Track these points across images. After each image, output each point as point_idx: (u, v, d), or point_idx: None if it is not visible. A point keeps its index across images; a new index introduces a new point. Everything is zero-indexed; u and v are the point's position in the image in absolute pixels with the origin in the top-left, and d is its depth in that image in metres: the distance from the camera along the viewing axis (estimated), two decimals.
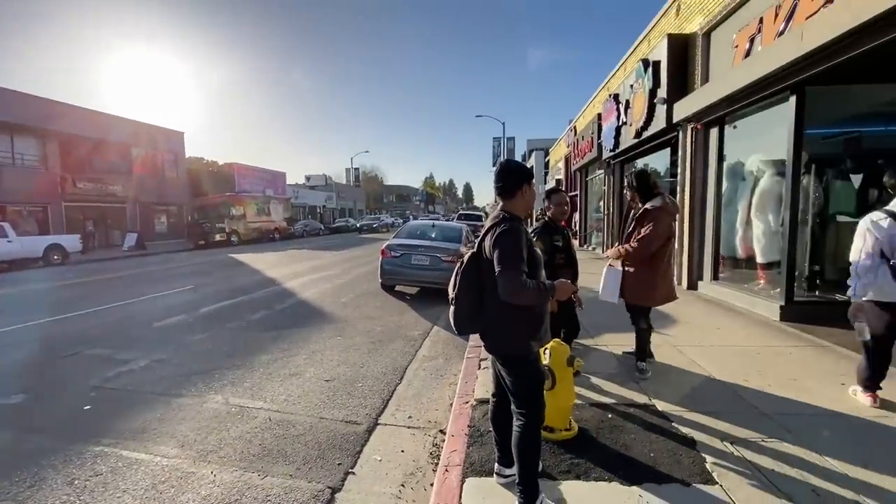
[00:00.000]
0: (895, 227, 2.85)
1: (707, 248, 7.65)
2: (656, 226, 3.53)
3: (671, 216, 3.66)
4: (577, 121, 18.14)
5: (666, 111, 8.17)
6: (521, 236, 1.99)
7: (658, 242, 3.55)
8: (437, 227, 9.17)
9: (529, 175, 2.17)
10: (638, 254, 3.58)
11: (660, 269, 3.65)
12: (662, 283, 3.68)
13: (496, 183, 2.17)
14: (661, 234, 3.54)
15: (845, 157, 6.51)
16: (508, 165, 2.20)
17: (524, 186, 2.12)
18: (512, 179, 2.12)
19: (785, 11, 5.37)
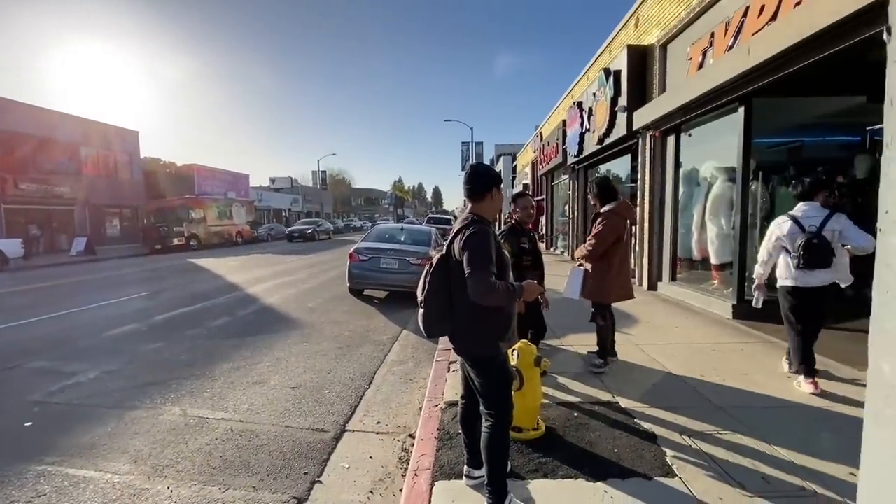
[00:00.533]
0: (794, 228, 3.51)
1: (666, 251, 7.98)
2: (605, 226, 3.82)
3: (622, 218, 3.90)
4: (543, 127, 18.56)
5: (626, 119, 8.49)
6: (490, 238, 2.01)
7: (606, 240, 3.82)
8: (405, 231, 9.13)
9: (498, 179, 2.20)
10: (590, 252, 3.87)
11: (612, 268, 3.86)
12: (615, 282, 3.88)
13: (465, 185, 2.18)
14: (607, 233, 3.81)
15: (789, 165, 6.96)
16: (478, 169, 2.23)
17: (493, 190, 2.15)
18: (481, 183, 2.15)
19: (733, 27, 5.70)
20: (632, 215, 4.07)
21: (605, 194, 3.99)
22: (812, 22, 3.94)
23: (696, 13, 6.60)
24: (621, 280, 3.91)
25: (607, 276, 3.85)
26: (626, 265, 4.01)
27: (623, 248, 3.94)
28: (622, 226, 3.89)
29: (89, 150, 23.17)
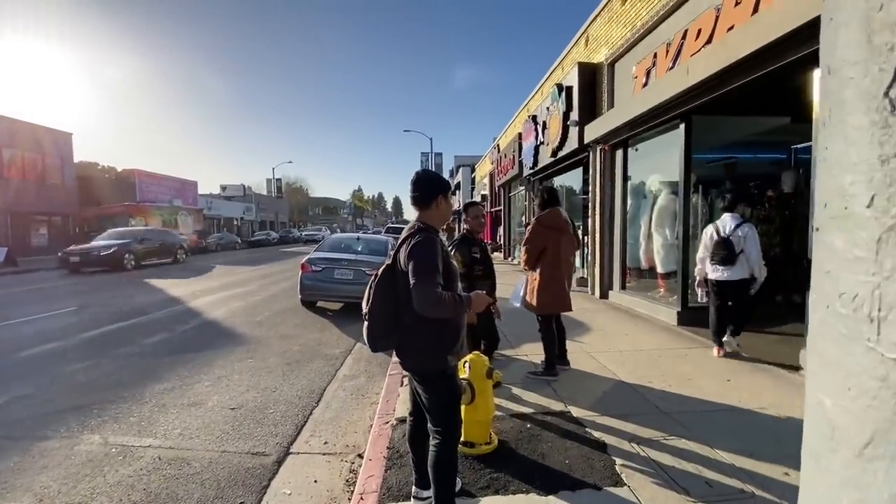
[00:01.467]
0: (714, 234, 4.48)
1: (616, 260, 8.26)
2: (529, 234, 3.98)
3: (546, 228, 3.93)
4: (501, 139, 18.93)
5: (578, 133, 8.78)
6: (437, 247, 1.94)
7: (533, 248, 3.94)
8: (362, 241, 8.93)
9: (445, 186, 2.14)
10: (523, 261, 4.05)
11: (541, 279, 3.92)
12: (545, 293, 3.91)
13: (412, 193, 2.11)
14: (531, 244, 3.93)
15: (725, 180, 7.42)
16: (422, 175, 2.16)
17: (439, 197, 2.09)
18: (427, 189, 2.08)
19: (674, 49, 6.04)
20: (558, 224, 3.97)
21: (545, 202, 4.08)
22: (741, 47, 4.21)
23: (641, 34, 6.96)
24: (551, 291, 3.92)
25: (540, 287, 3.92)
26: (556, 276, 3.96)
27: (550, 259, 3.92)
28: (547, 236, 3.93)
29: (13, 152, 21.22)
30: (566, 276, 4.09)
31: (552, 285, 3.92)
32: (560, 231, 4.02)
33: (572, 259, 4.24)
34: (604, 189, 8.48)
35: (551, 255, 3.92)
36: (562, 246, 4.01)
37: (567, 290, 4.04)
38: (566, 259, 4.07)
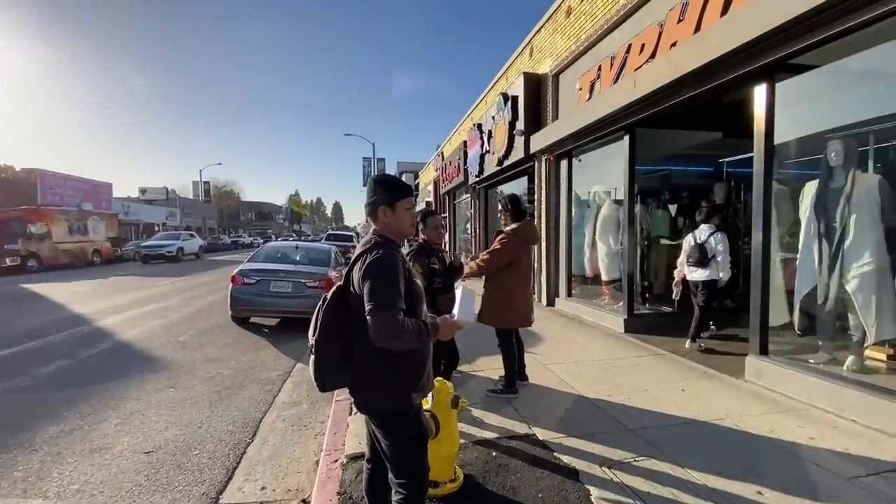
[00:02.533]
0: (691, 241, 5.23)
1: (562, 268, 8.37)
2: (504, 245, 3.69)
3: (521, 241, 3.76)
4: (445, 147, 18.88)
5: (524, 142, 8.84)
6: (398, 265, 1.65)
7: (501, 259, 3.68)
8: (301, 249, 8.33)
9: (406, 191, 1.85)
10: (480, 267, 3.74)
11: (511, 291, 3.72)
12: (515, 306, 3.73)
13: (368, 199, 1.81)
14: (504, 252, 3.67)
15: (663, 190, 7.78)
16: (381, 179, 1.87)
17: (397, 203, 1.79)
18: (388, 195, 1.78)
19: (618, 63, 6.21)
20: (533, 238, 3.95)
21: (515, 211, 3.88)
22: (686, 63, 4.35)
23: (585, 47, 7.11)
24: (521, 304, 3.77)
25: (506, 300, 3.71)
26: (525, 289, 3.85)
27: (522, 272, 3.78)
28: (520, 248, 3.76)
29: None
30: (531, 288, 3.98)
31: (523, 299, 3.76)
32: (532, 243, 3.94)
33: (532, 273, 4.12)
34: (549, 198, 8.58)
35: (524, 267, 3.76)
36: (530, 259, 3.92)
37: (532, 304, 3.91)
38: (531, 273, 3.98)
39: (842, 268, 3.58)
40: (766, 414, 3.31)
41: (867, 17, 3.05)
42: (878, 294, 3.41)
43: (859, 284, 3.47)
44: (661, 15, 5.30)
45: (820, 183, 3.79)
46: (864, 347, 3.58)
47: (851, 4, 3.09)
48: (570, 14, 7.60)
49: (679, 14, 4.96)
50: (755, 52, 3.83)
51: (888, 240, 3.39)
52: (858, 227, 3.48)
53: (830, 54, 3.59)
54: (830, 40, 3.38)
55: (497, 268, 3.70)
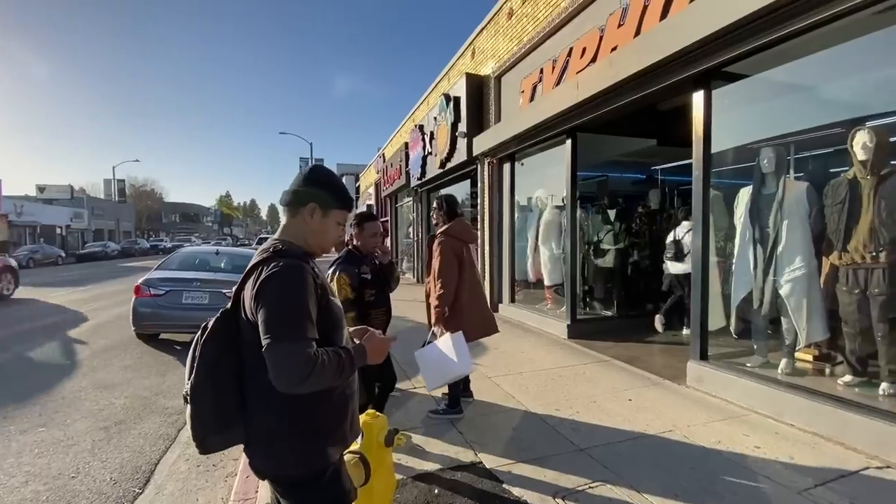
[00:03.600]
0: (672, 237, 5.66)
1: (505, 273, 8.24)
2: (442, 255, 3.29)
3: (458, 239, 3.40)
4: (386, 148, 18.39)
5: (467, 144, 8.65)
6: (306, 280, 1.24)
7: (452, 272, 3.27)
8: (223, 255, 7.47)
9: (350, 205, 1.46)
10: (443, 299, 3.23)
11: (461, 300, 3.31)
12: (471, 315, 3.35)
13: (296, 186, 1.41)
14: (446, 267, 3.26)
15: (602, 196, 7.90)
16: (330, 175, 1.46)
17: (337, 214, 1.41)
18: (329, 195, 1.39)
19: (560, 66, 6.16)
20: (469, 237, 3.56)
21: (449, 212, 3.49)
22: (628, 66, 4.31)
23: (527, 50, 7.04)
24: (478, 312, 3.43)
25: (454, 311, 3.29)
26: (477, 292, 3.52)
27: (466, 275, 3.38)
28: (460, 249, 3.39)
29: None
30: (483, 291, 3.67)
31: (478, 305, 3.41)
32: (469, 242, 3.55)
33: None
34: (492, 202, 8.44)
35: (467, 270, 3.38)
36: (472, 258, 3.53)
37: (489, 309, 3.60)
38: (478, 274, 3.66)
39: (775, 272, 3.65)
40: (712, 422, 3.25)
41: (789, 30, 3.11)
42: (809, 297, 3.49)
43: (792, 288, 3.55)
44: (602, 19, 5.29)
45: (753, 189, 3.86)
46: (796, 350, 3.67)
47: (775, 18, 3.13)
48: (511, 16, 7.51)
49: (619, 19, 4.96)
50: (692, 59, 3.85)
51: (816, 245, 3.49)
52: (790, 232, 3.56)
53: (761, 65, 3.67)
54: (760, 50, 3.43)
55: (454, 283, 3.26)
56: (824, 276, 3.47)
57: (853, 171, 3.16)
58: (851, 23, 2.95)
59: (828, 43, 3.24)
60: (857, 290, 3.12)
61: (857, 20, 2.92)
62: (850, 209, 3.13)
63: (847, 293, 3.21)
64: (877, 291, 3.00)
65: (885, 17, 2.87)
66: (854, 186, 3.13)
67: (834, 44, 3.23)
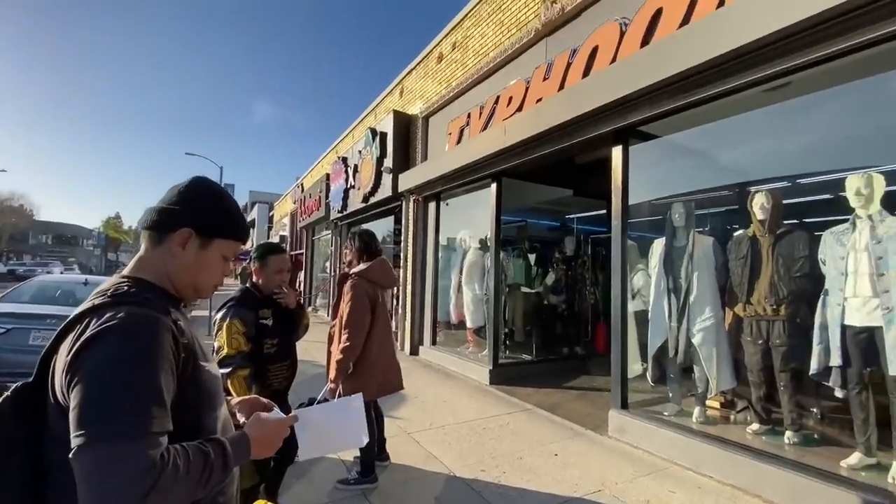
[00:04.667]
0: None
1: (427, 314, 7.94)
2: (353, 300, 2.87)
3: (373, 286, 2.98)
4: (305, 178, 17.61)
5: (392, 180, 8.45)
6: (158, 341, 0.85)
7: (362, 320, 2.84)
8: (92, 286, 6.26)
9: (245, 235, 1.10)
10: (350, 350, 2.78)
11: (367, 351, 2.88)
12: (375, 369, 2.91)
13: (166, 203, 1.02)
14: (357, 314, 2.84)
15: (522, 240, 8.08)
16: (220, 194, 1.08)
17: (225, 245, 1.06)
18: (214, 220, 1.03)
19: (487, 112, 6.29)
20: (387, 281, 3.11)
21: (366, 250, 3.08)
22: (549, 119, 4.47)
23: (455, 94, 7.16)
24: (384, 369, 2.99)
25: (363, 365, 2.87)
26: (387, 347, 3.08)
27: (379, 325, 2.97)
28: (375, 295, 2.97)
29: None
30: (393, 341, 3.25)
31: (383, 358, 2.98)
32: (386, 287, 3.17)
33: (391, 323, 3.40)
34: (416, 240, 8.23)
35: (380, 319, 2.97)
36: (385, 305, 3.15)
37: (398, 364, 3.18)
38: (389, 322, 3.24)
39: (688, 322, 3.80)
40: (638, 478, 3.16)
41: (690, 99, 3.41)
42: (718, 347, 3.65)
43: (703, 337, 3.69)
44: (528, 72, 5.52)
45: (666, 241, 4.07)
46: (707, 398, 3.79)
47: (680, 87, 3.42)
48: (441, 60, 7.66)
49: (545, 73, 5.19)
50: (610, 116, 4.07)
51: (723, 296, 3.70)
52: (700, 284, 3.75)
53: (671, 127, 3.97)
54: (669, 114, 3.72)
55: (363, 334, 2.83)
56: (729, 327, 3.68)
57: (753, 228, 3.43)
58: (745, 97, 3.29)
59: (727, 113, 3.58)
60: (761, 340, 3.31)
61: (749, 96, 3.26)
62: (752, 264, 3.37)
63: (751, 343, 3.40)
64: (778, 342, 3.19)
65: (772, 95, 3.23)
66: (754, 243, 3.39)
67: (732, 114, 3.58)
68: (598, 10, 4.57)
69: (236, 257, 1.29)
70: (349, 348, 2.77)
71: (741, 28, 2.85)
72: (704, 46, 3.07)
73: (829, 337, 2.95)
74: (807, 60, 2.74)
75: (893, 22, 2.38)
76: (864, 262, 2.77)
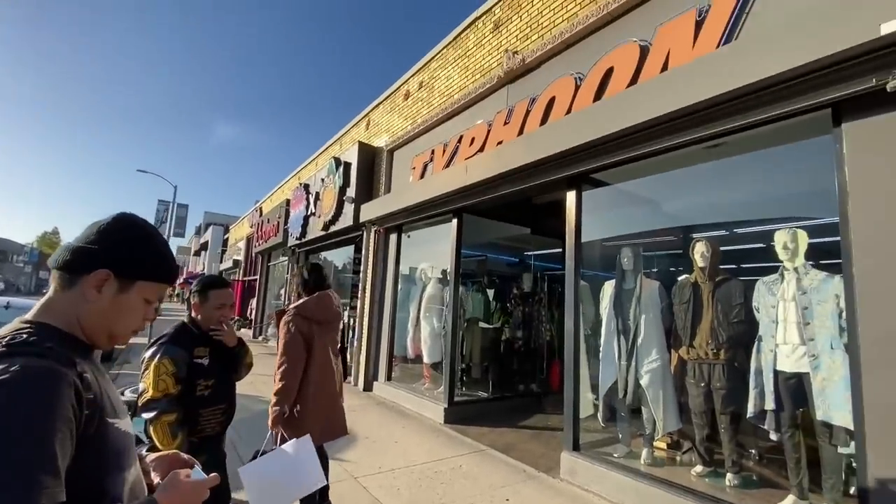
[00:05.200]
0: None
1: (383, 348, 7.75)
2: (284, 337, 2.67)
3: (307, 321, 2.73)
4: (265, 202, 17.20)
5: (354, 210, 8.39)
6: (56, 397, 0.76)
7: (294, 362, 2.63)
8: (15, 311, 5.70)
9: (172, 275, 1.03)
10: (283, 392, 2.59)
11: (305, 395, 2.67)
12: (313, 415, 2.67)
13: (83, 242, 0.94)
14: (290, 353, 2.64)
15: (481, 275, 8.15)
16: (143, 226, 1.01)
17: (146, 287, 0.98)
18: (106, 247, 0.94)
19: (450, 150, 6.44)
20: (323, 315, 2.82)
21: (305, 285, 2.87)
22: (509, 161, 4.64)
23: (420, 130, 7.31)
24: (324, 413, 2.74)
25: (304, 407, 2.66)
26: (328, 388, 2.80)
27: (319, 364, 2.74)
28: (310, 333, 2.72)
29: None
30: (337, 381, 3.05)
31: (323, 403, 2.77)
32: (326, 324, 2.86)
33: (337, 361, 2.96)
34: (376, 271, 8.12)
35: (318, 357, 2.74)
36: (328, 344, 2.85)
37: (341, 407, 3.00)
38: (332, 361, 2.87)
39: (637, 363, 3.90)
40: None
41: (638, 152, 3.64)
42: (664, 388, 3.76)
43: (650, 379, 3.80)
44: (490, 115, 5.74)
45: (616, 283, 4.22)
46: (654, 440, 3.85)
47: (628, 140, 3.66)
48: (408, 97, 7.84)
49: (506, 117, 5.41)
50: (566, 162, 4.26)
51: (669, 339, 3.85)
52: (647, 326, 3.89)
53: (623, 175, 4.21)
54: (619, 164, 3.94)
55: (297, 375, 2.63)
56: (675, 369, 3.81)
57: (695, 275, 3.63)
58: (688, 152, 3.55)
59: (672, 166, 3.84)
60: (703, 383, 3.44)
61: (692, 151, 3.53)
62: (694, 309, 3.54)
63: (694, 386, 3.52)
64: (718, 385, 3.33)
65: (712, 152, 3.50)
66: (696, 288, 3.58)
67: (677, 167, 3.84)
68: (556, 63, 4.87)
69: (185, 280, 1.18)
70: (282, 390, 2.59)
71: (677, 93, 3.11)
72: (648, 107, 3.31)
73: (763, 381, 3.11)
74: (732, 127, 3.01)
75: (793, 103, 2.68)
76: (791, 311, 2.98)
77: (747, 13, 3.22)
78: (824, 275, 2.91)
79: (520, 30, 5.38)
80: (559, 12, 4.82)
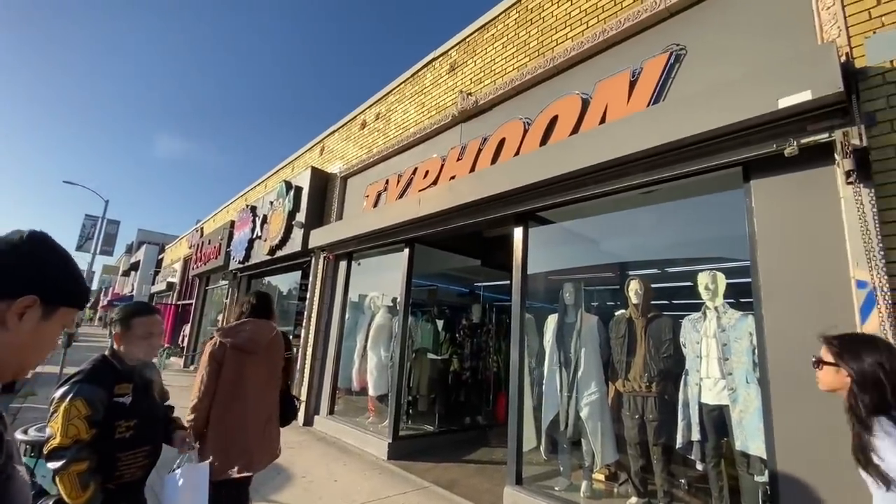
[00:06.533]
0: None
1: (326, 380, 7.46)
2: (202, 360, 2.58)
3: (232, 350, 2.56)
4: (207, 223, 16.37)
5: (303, 236, 8.20)
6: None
7: (205, 386, 2.49)
8: None
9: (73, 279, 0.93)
10: (195, 420, 2.46)
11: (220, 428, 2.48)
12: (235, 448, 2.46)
13: None
14: (204, 369, 2.52)
15: (432, 304, 8.16)
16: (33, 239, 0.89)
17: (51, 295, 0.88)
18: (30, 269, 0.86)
19: (404, 181, 6.53)
20: (249, 344, 2.60)
21: (255, 309, 2.76)
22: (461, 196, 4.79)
23: (376, 160, 7.37)
24: (230, 442, 2.47)
25: (224, 438, 2.46)
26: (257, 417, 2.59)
27: (246, 391, 2.55)
28: (231, 358, 2.54)
29: None
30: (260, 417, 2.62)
31: (250, 432, 2.53)
32: (248, 352, 2.60)
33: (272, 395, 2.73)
34: (323, 299, 7.90)
35: (248, 385, 2.55)
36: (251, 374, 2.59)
37: (273, 434, 2.72)
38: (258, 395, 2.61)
39: (577, 396, 4.04)
40: None
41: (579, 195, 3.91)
42: (602, 420, 3.90)
43: (589, 411, 3.93)
44: (444, 150, 5.92)
45: (558, 317, 4.39)
46: (593, 472, 3.95)
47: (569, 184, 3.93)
48: (364, 127, 7.93)
49: (459, 154, 5.61)
50: (513, 201, 4.47)
51: (606, 372, 4.03)
52: (587, 359, 4.06)
53: (567, 215, 4.46)
54: (562, 205, 4.19)
55: (206, 397, 2.48)
56: (612, 401, 3.97)
57: (629, 311, 3.86)
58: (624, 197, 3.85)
59: (611, 208, 4.13)
60: (637, 415, 3.62)
61: (628, 195, 3.82)
62: (629, 343, 3.75)
63: (629, 418, 3.69)
64: (651, 417, 3.51)
65: (647, 197, 3.82)
66: (631, 324, 3.80)
67: (616, 209, 4.13)
68: (507, 107, 5.16)
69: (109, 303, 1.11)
70: (192, 408, 2.48)
71: (613, 145, 3.40)
72: (587, 155, 3.59)
73: (690, 413, 3.32)
74: (660, 177, 3.33)
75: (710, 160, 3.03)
76: (713, 348, 3.24)
77: (673, 78, 3.62)
78: (740, 314, 3.21)
79: (474, 73, 5.68)
80: (510, 61, 5.15)
